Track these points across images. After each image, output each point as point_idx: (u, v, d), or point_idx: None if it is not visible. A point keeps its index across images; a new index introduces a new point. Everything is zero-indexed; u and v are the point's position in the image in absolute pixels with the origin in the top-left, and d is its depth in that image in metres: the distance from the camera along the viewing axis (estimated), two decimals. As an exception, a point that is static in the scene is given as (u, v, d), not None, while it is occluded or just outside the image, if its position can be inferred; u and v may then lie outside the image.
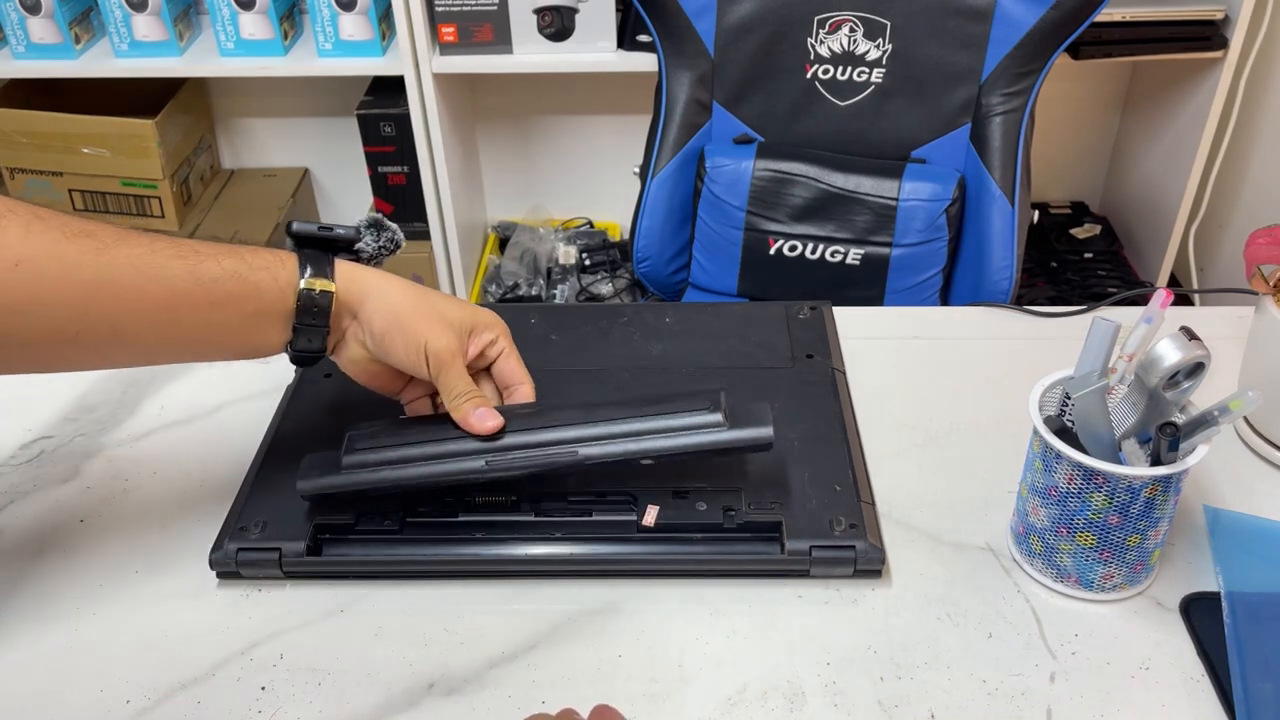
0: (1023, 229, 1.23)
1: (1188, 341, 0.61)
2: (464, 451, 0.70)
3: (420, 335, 0.68)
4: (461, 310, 0.71)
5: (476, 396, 0.70)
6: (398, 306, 0.69)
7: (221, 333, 0.66)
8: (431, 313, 0.69)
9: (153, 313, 0.62)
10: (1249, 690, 0.61)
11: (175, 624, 0.68)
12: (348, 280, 0.68)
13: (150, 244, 0.62)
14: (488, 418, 0.69)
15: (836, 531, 0.69)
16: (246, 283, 0.65)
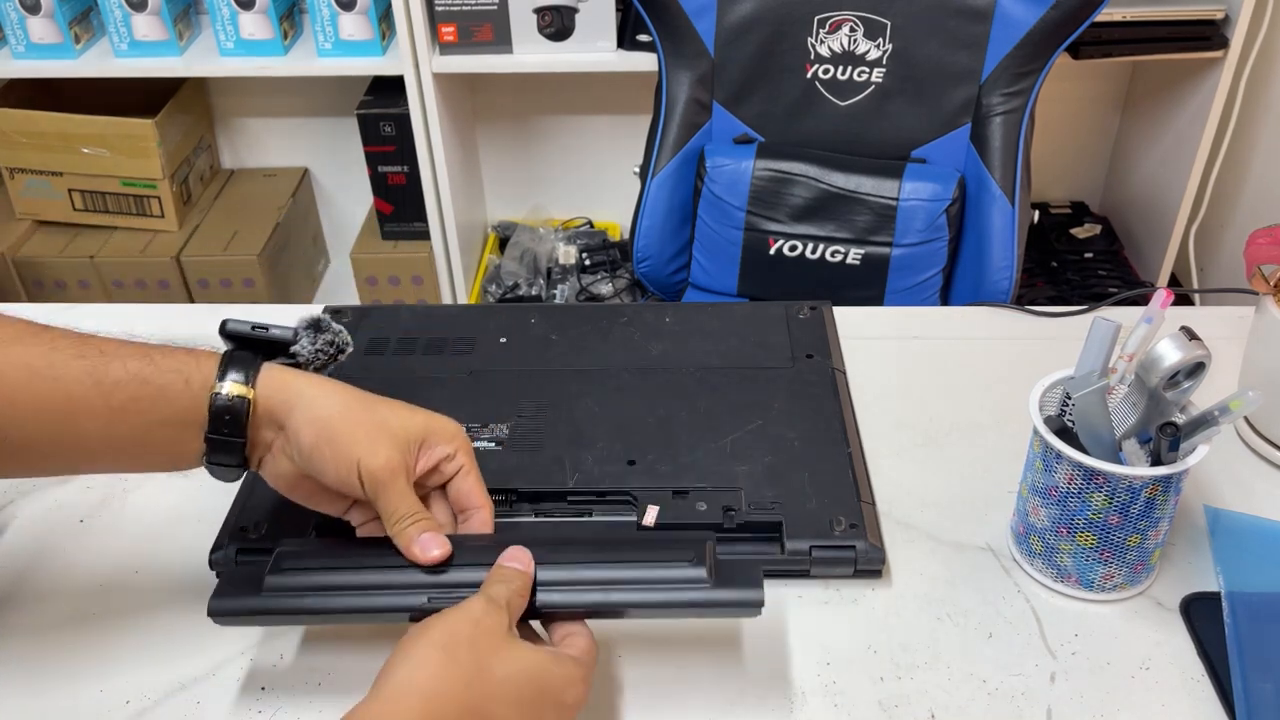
0: (1023, 229, 1.23)
1: (1188, 341, 0.61)
2: (404, 584, 0.60)
3: (354, 451, 0.59)
4: (411, 419, 0.62)
5: (421, 520, 0.60)
6: (330, 417, 0.59)
7: (127, 443, 0.59)
8: (371, 424, 0.60)
9: (48, 419, 0.57)
10: (1249, 690, 0.61)
11: (175, 624, 0.68)
12: (274, 387, 0.59)
13: (51, 342, 0.57)
14: (432, 545, 0.59)
15: (836, 531, 0.69)
16: (151, 386, 0.58)
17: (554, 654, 0.56)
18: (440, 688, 0.51)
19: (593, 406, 0.80)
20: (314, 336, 0.63)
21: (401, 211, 1.98)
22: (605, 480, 0.73)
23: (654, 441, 0.77)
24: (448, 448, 0.63)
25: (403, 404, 0.63)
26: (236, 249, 1.93)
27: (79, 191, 1.95)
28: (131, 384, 0.57)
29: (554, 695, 0.54)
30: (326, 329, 0.64)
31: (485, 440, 0.77)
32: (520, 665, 0.53)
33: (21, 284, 1.96)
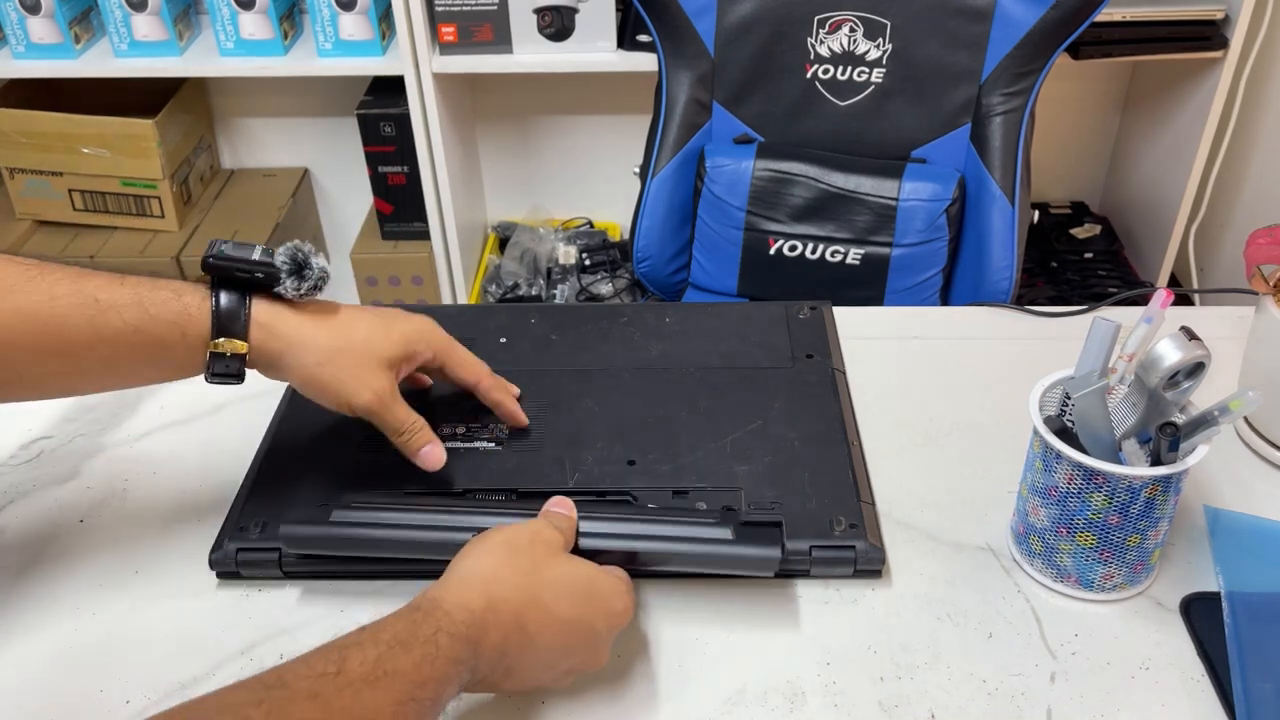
0: (1023, 229, 1.23)
1: (1188, 341, 0.61)
2: (454, 526, 0.66)
3: (342, 392, 0.67)
4: (388, 342, 0.69)
5: (419, 432, 0.70)
6: (315, 362, 0.67)
7: (128, 378, 0.66)
8: (353, 360, 0.67)
9: (49, 360, 0.62)
10: (1249, 690, 0.61)
11: (175, 624, 0.68)
12: (262, 335, 0.65)
13: (50, 289, 0.61)
14: (431, 457, 0.71)
15: (836, 531, 0.69)
16: (148, 337, 0.63)
17: (601, 567, 0.62)
18: (501, 574, 0.58)
19: (593, 406, 0.80)
20: (299, 280, 0.66)
21: (401, 211, 1.98)
22: (605, 480, 0.73)
23: (654, 441, 0.77)
24: (426, 353, 0.72)
25: (378, 320, 0.70)
26: (236, 249, 1.93)
27: (79, 191, 1.95)
28: (129, 335, 0.62)
29: (602, 598, 0.60)
30: (309, 269, 0.66)
31: (485, 440, 0.77)
32: (571, 568, 0.61)
33: (21, 284, 1.95)
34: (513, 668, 0.57)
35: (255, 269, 0.65)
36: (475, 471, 0.74)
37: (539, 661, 0.58)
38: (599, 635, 0.60)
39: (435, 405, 0.80)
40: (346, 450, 0.77)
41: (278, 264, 0.65)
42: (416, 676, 0.51)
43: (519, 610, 0.57)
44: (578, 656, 0.60)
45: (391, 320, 0.71)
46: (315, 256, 0.67)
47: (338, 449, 0.77)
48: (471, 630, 0.55)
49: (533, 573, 0.59)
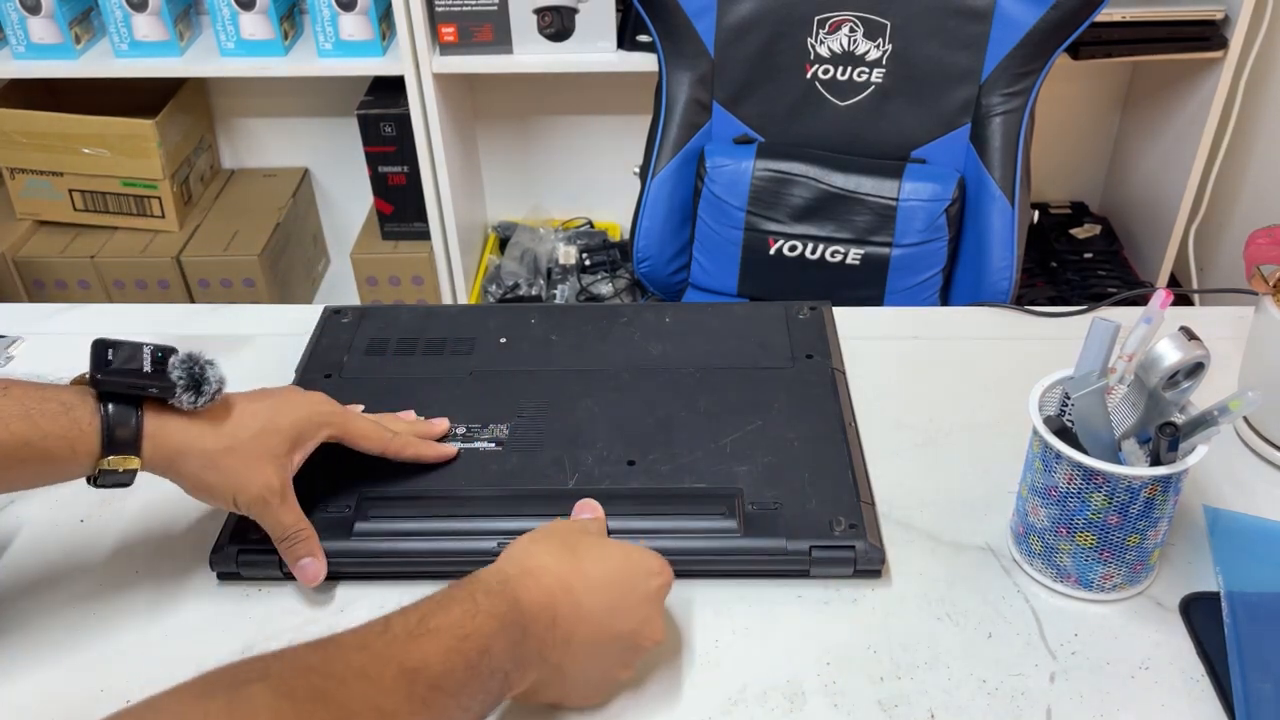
0: (1023, 229, 1.23)
1: (1187, 341, 0.61)
2: (477, 531, 0.70)
3: (227, 493, 0.65)
4: (277, 437, 0.67)
5: (301, 541, 0.68)
6: (202, 467, 0.65)
7: (11, 485, 0.62)
8: (240, 460, 0.65)
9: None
10: (1249, 690, 0.61)
11: (175, 624, 0.68)
12: (153, 448, 0.63)
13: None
14: (309, 571, 0.68)
15: (836, 531, 0.69)
16: (36, 450, 0.60)
17: (640, 548, 0.63)
18: (534, 548, 0.60)
19: (593, 406, 0.80)
20: (194, 397, 0.63)
21: (402, 211, 1.98)
22: (605, 480, 0.73)
23: (654, 441, 0.77)
24: (320, 435, 0.70)
25: (269, 413, 0.67)
26: (237, 249, 1.93)
27: (79, 192, 1.95)
28: (16, 448, 0.59)
29: (637, 560, 0.62)
30: (207, 384, 0.64)
31: (485, 440, 0.77)
32: (604, 541, 0.64)
33: (22, 284, 1.96)
34: (571, 637, 0.58)
35: (149, 386, 0.62)
36: (475, 472, 0.75)
37: (594, 630, 0.58)
38: (644, 594, 0.61)
39: (434, 404, 0.80)
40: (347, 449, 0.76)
41: (173, 379, 0.63)
42: (459, 631, 0.52)
43: (559, 575, 0.58)
44: (629, 618, 0.60)
45: (281, 409, 0.68)
46: (211, 366, 0.64)
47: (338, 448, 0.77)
48: (506, 587, 0.56)
49: (567, 546, 0.61)
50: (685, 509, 0.70)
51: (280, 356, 0.90)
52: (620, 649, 0.60)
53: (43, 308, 1.00)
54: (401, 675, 0.50)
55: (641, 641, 0.61)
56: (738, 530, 0.69)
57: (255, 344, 0.94)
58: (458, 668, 0.51)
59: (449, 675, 0.51)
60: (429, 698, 0.50)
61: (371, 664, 0.50)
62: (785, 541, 0.69)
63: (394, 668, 0.50)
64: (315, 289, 2.19)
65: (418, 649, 0.51)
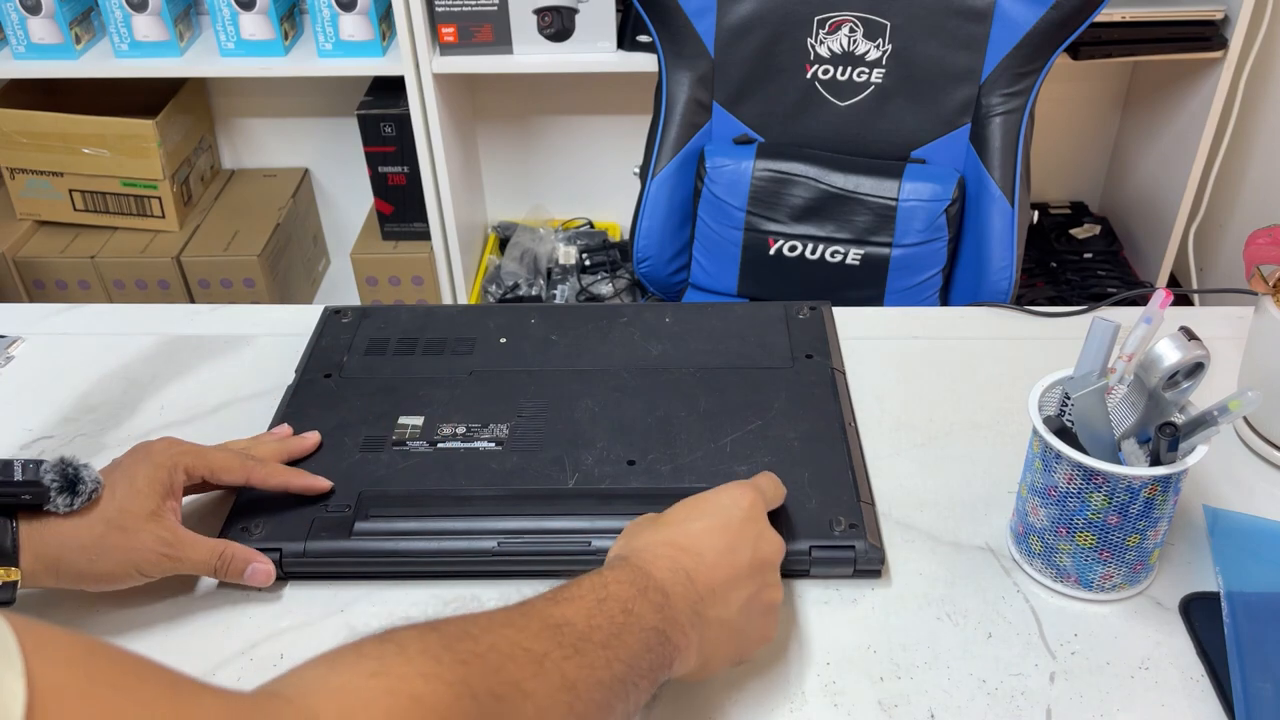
0: (1022, 229, 1.23)
1: (1187, 341, 0.61)
2: (477, 530, 0.70)
3: (128, 567, 0.65)
4: (139, 494, 0.65)
5: (231, 560, 0.68)
6: (89, 560, 0.64)
7: None
8: (119, 537, 0.64)
9: None
10: (1249, 690, 0.61)
11: (175, 624, 0.68)
12: (31, 556, 0.62)
13: None
14: (259, 576, 0.68)
15: (836, 531, 0.69)
16: None
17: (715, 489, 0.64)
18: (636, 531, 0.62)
19: (593, 406, 0.80)
20: (70, 499, 0.62)
21: (402, 212, 1.98)
22: (605, 480, 0.73)
23: (654, 441, 0.77)
24: (180, 478, 0.68)
25: (123, 479, 0.65)
26: (237, 249, 1.94)
27: (79, 192, 1.95)
28: None
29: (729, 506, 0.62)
30: (82, 485, 0.63)
31: (485, 440, 0.77)
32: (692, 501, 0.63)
33: (22, 284, 1.96)
34: (714, 586, 0.58)
35: (21, 491, 0.61)
36: (475, 472, 0.75)
37: (727, 572, 0.59)
38: (743, 519, 0.61)
39: (434, 404, 0.80)
40: (347, 450, 0.77)
41: (46, 483, 0.62)
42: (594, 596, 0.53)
43: (669, 540, 0.59)
44: (745, 545, 0.60)
45: (133, 471, 0.66)
46: (86, 469, 0.63)
47: (338, 448, 0.77)
48: (628, 563, 0.57)
49: (656, 522, 0.62)
50: None
51: (280, 356, 0.90)
52: (754, 575, 0.60)
53: (43, 308, 1.00)
54: (546, 627, 0.50)
55: (767, 557, 0.61)
56: None
57: (255, 344, 0.94)
58: (602, 625, 0.52)
59: (595, 630, 0.51)
60: (579, 645, 0.50)
61: (517, 617, 0.50)
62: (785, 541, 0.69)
63: (538, 622, 0.51)
64: (315, 289, 2.19)
65: (557, 610, 0.52)
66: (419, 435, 0.78)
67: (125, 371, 0.91)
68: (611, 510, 0.70)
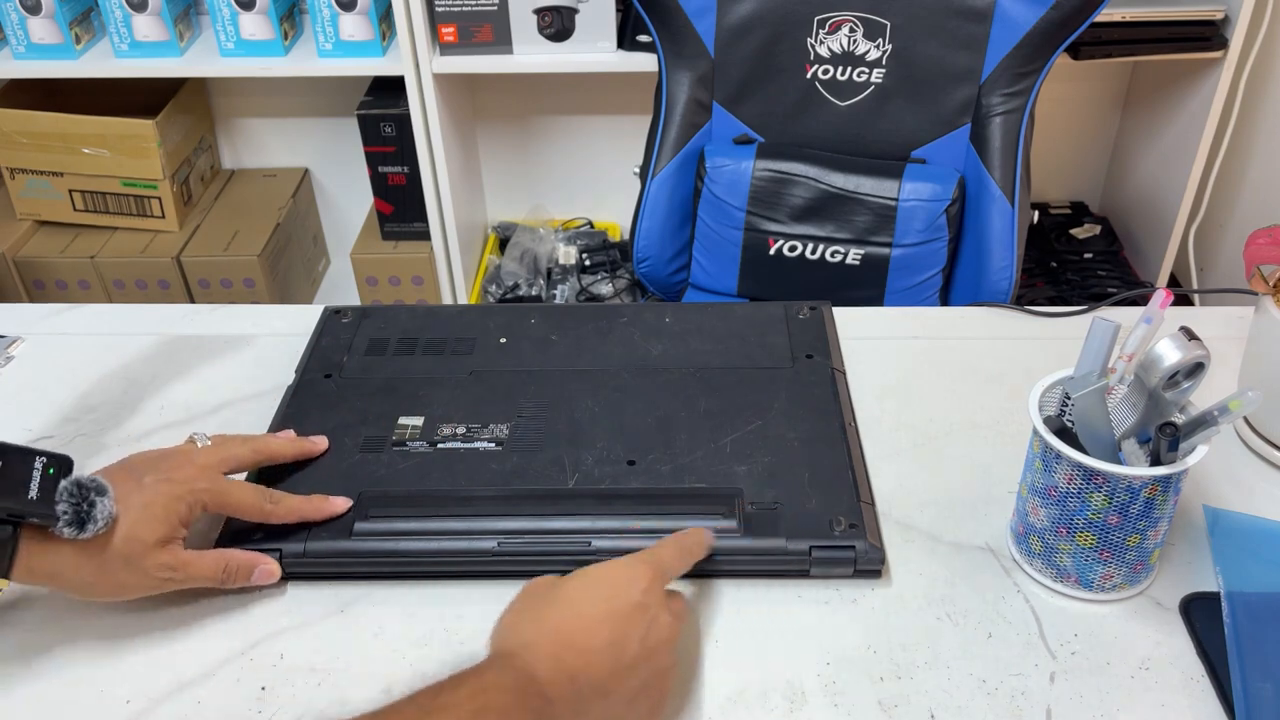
0: (1023, 229, 1.23)
1: (1187, 341, 0.61)
2: (477, 530, 0.70)
3: (131, 591, 0.65)
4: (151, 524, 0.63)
5: (237, 569, 0.67)
6: (88, 583, 0.63)
7: None
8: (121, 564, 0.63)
9: None
10: (1249, 690, 0.61)
11: (175, 624, 0.68)
12: (25, 571, 0.61)
13: None
14: (265, 576, 0.69)
15: (836, 531, 0.69)
16: None
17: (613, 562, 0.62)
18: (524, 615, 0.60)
19: (593, 406, 0.80)
20: (78, 528, 0.60)
21: (401, 212, 1.98)
22: (605, 480, 0.73)
23: (654, 441, 0.77)
24: (196, 510, 0.66)
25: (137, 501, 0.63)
26: (237, 249, 1.94)
27: (79, 192, 1.95)
28: None
29: (623, 586, 0.59)
30: (90, 520, 0.60)
31: (485, 440, 0.77)
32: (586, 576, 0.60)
33: (22, 284, 1.96)
34: (595, 685, 0.56)
35: (31, 515, 0.59)
36: (475, 472, 0.75)
37: (611, 665, 0.57)
38: (636, 604, 0.59)
39: (434, 404, 0.80)
40: (347, 450, 0.77)
41: (57, 513, 0.60)
42: (471, 705, 0.52)
43: (554, 631, 0.57)
44: (634, 634, 0.58)
45: (152, 495, 0.64)
46: (102, 497, 0.61)
47: (338, 449, 0.77)
48: (510, 663, 0.55)
49: (546, 600, 0.59)
50: (685, 509, 0.70)
51: (280, 356, 0.90)
52: (642, 664, 0.58)
53: (43, 308, 1.00)
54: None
55: (658, 644, 0.59)
56: (738, 530, 0.69)
57: (255, 344, 0.94)
58: None
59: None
60: None
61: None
62: (785, 541, 0.69)
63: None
64: (315, 289, 2.19)
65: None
66: (419, 435, 0.78)
67: (125, 371, 0.91)
68: (611, 510, 0.70)
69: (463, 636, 0.67)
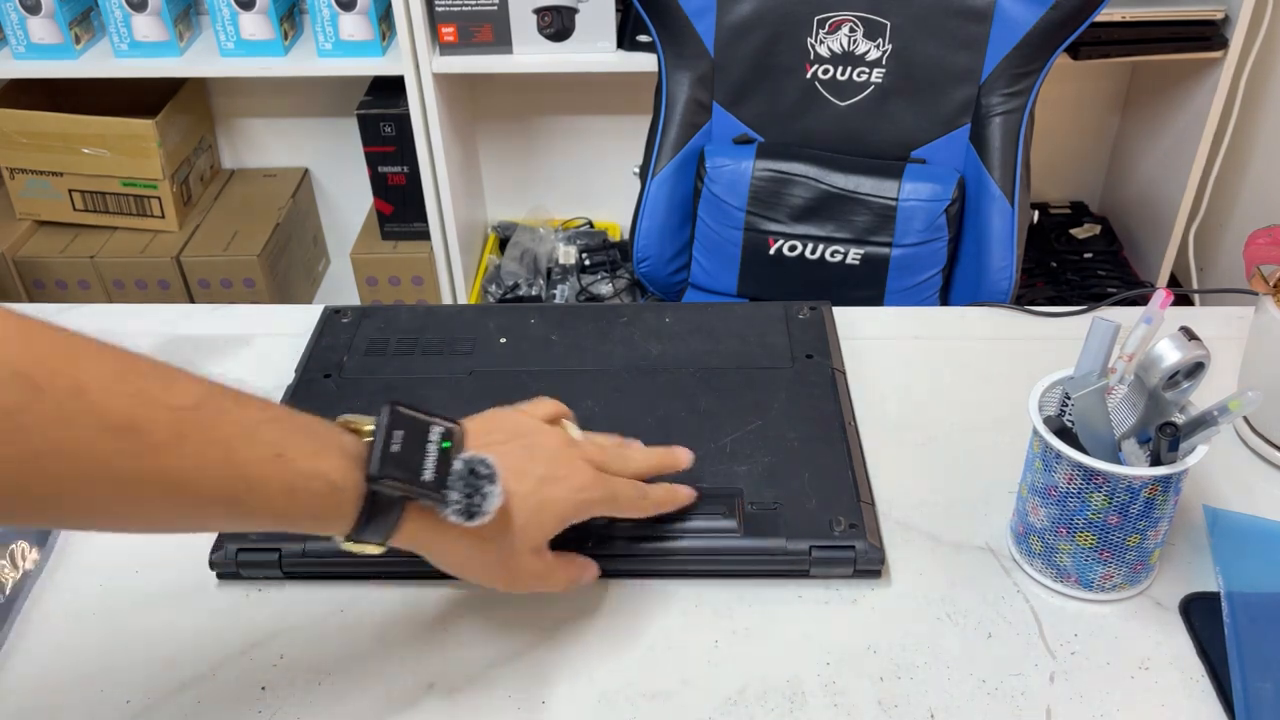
0: (1023, 229, 1.23)
1: (1187, 341, 0.61)
2: None
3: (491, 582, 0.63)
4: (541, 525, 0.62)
5: (584, 575, 0.67)
6: (458, 565, 0.62)
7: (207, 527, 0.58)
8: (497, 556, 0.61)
9: (181, 523, 0.54)
10: (1249, 690, 0.61)
11: (175, 624, 0.68)
12: (402, 539, 0.58)
13: (204, 450, 0.50)
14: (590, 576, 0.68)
15: (836, 531, 0.69)
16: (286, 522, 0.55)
17: None
18: None
19: (593, 406, 0.80)
20: (464, 519, 0.57)
21: (401, 211, 1.98)
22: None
23: (654, 441, 0.76)
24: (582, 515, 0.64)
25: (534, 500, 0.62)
26: (237, 249, 1.94)
27: (79, 192, 1.95)
28: (267, 520, 0.54)
29: None
30: (478, 510, 0.57)
31: (485, 440, 0.77)
32: None
33: (21, 284, 1.96)
34: None
35: (423, 497, 0.57)
36: (475, 471, 0.74)
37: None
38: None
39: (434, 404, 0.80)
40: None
41: (449, 499, 0.57)
42: None
43: None
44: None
45: (551, 495, 0.62)
46: (492, 486, 0.58)
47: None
48: None
49: None
50: (685, 509, 0.70)
51: (280, 356, 0.90)
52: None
53: (43, 308, 1.00)
54: None
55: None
56: (738, 530, 0.69)
57: (255, 344, 0.94)
58: None
59: None
60: None
61: None
62: (785, 541, 0.69)
63: None
64: (315, 289, 2.19)
65: None
66: (419, 435, 0.77)
67: (125, 371, 0.91)
68: None
69: (463, 637, 0.67)
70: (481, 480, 0.58)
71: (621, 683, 0.64)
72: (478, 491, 0.57)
